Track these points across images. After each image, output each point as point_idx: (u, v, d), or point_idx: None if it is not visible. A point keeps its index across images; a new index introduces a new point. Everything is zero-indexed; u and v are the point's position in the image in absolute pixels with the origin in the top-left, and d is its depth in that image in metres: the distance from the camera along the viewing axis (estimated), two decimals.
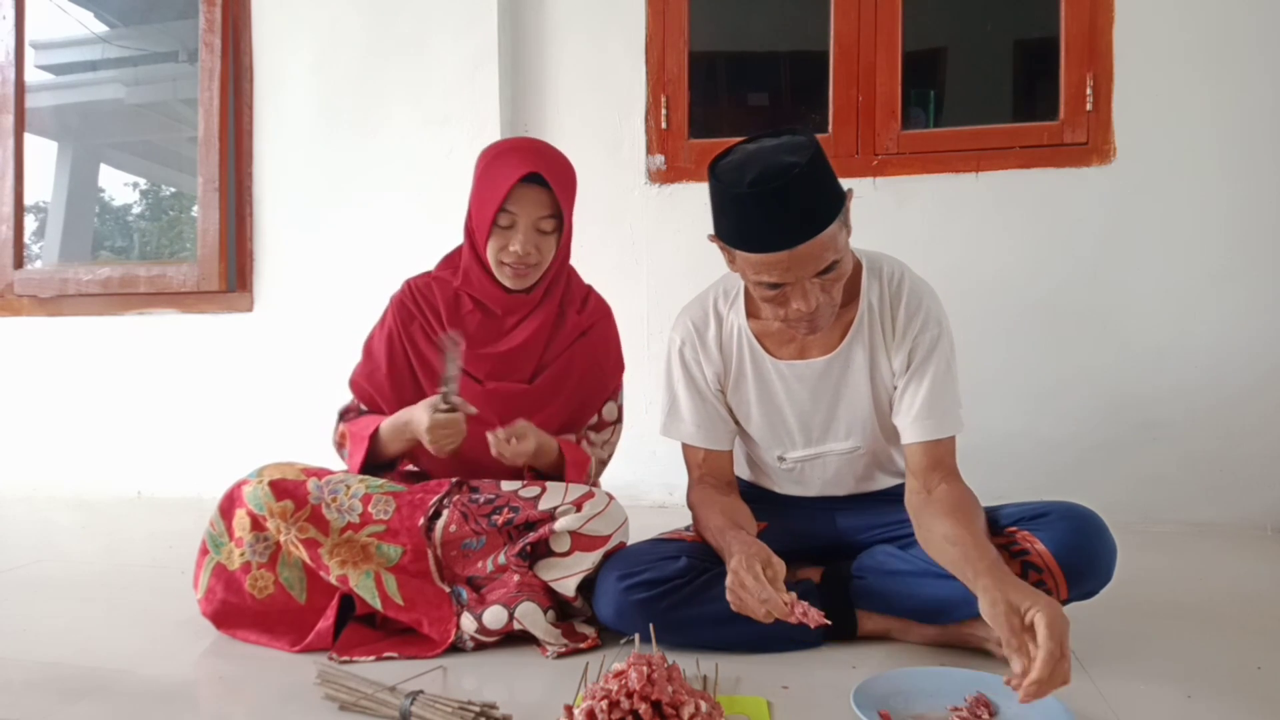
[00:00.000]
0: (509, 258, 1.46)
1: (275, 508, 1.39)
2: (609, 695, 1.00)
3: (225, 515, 1.44)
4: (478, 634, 1.36)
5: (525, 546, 1.41)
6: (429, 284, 1.59)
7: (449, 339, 1.44)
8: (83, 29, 3.86)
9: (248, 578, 1.42)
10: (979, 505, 1.30)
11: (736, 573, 1.18)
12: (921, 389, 1.34)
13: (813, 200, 1.16)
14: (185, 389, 2.84)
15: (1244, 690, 1.20)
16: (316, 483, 1.42)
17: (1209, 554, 2.01)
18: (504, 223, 1.45)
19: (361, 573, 1.38)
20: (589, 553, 1.40)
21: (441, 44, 2.58)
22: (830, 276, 1.22)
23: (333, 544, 1.40)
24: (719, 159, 1.24)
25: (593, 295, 1.66)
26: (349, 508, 1.41)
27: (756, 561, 1.18)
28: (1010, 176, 2.35)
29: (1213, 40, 2.24)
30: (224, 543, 1.44)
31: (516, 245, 1.45)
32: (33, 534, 2.42)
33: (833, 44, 2.45)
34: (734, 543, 1.25)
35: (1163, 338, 2.28)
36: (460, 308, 1.56)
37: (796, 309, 1.23)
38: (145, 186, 4.32)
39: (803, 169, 1.14)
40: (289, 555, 1.43)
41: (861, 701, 1.06)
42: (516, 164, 1.44)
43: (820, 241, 1.17)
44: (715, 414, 1.46)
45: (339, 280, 2.69)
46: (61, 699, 1.23)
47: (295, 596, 1.43)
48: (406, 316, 1.57)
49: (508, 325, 1.55)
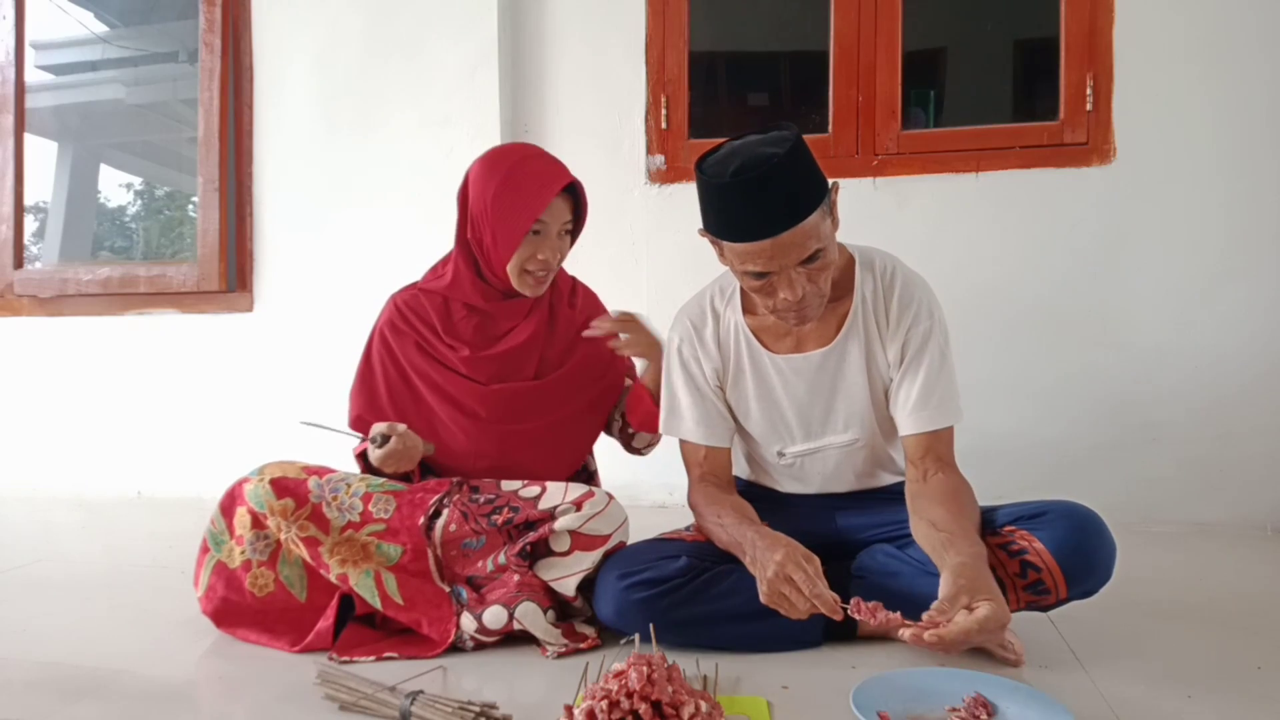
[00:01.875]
0: (536, 265, 1.46)
1: (276, 506, 1.39)
2: (609, 695, 1.00)
3: (226, 513, 1.44)
4: (477, 634, 1.36)
5: (525, 546, 1.41)
6: (416, 297, 1.57)
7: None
8: (83, 29, 3.86)
9: (248, 576, 1.42)
10: (973, 497, 1.31)
11: (784, 566, 1.18)
12: (917, 381, 1.35)
13: (793, 188, 1.18)
14: (185, 389, 2.84)
15: (1244, 690, 1.20)
16: (317, 481, 1.43)
17: (1209, 554, 2.01)
18: (536, 229, 1.45)
19: (361, 572, 1.39)
20: (589, 552, 1.40)
21: (441, 44, 2.58)
22: (815, 266, 1.23)
23: (333, 543, 1.40)
24: (705, 156, 1.26)
25: (578, 286, 1.67)
26: (349, 506, 1.41)
27: (801, 556, 1.19)
28: (1010, 177, 2.35)
29: (1213, 40, 2.24)
30: (225, 540, 1.44)
31: (546, 253, 1.46)
32: (33, 534, 2.42)
33: (833, 44, 2.45)
34: (761, 537, 1.25)
35: (1163, 338, 2.28)
36: (452, 315, 1.55)
37: (784, 298, 1.25)
38: (140, 186, 4.32)
39: (781, 158, 1.17)
40: (289, 554, 1.43)
41: (861, 702, 1.06)
42: (548, 176, 1.45)
43: (803, 230, 1.19)
44: (715, 411, 1.46)
45: (339, 280, 2.69)
46: (61, 699, 1.23)
47: (295, 595, 1.43)
48: (399, 335, 1.55)
49: (503, 328, 1.55)
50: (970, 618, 1.05)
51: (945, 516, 1.23)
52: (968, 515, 1.25)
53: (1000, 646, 1.28)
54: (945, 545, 1.19)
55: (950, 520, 1.23)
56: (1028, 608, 1.28)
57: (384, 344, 1.56)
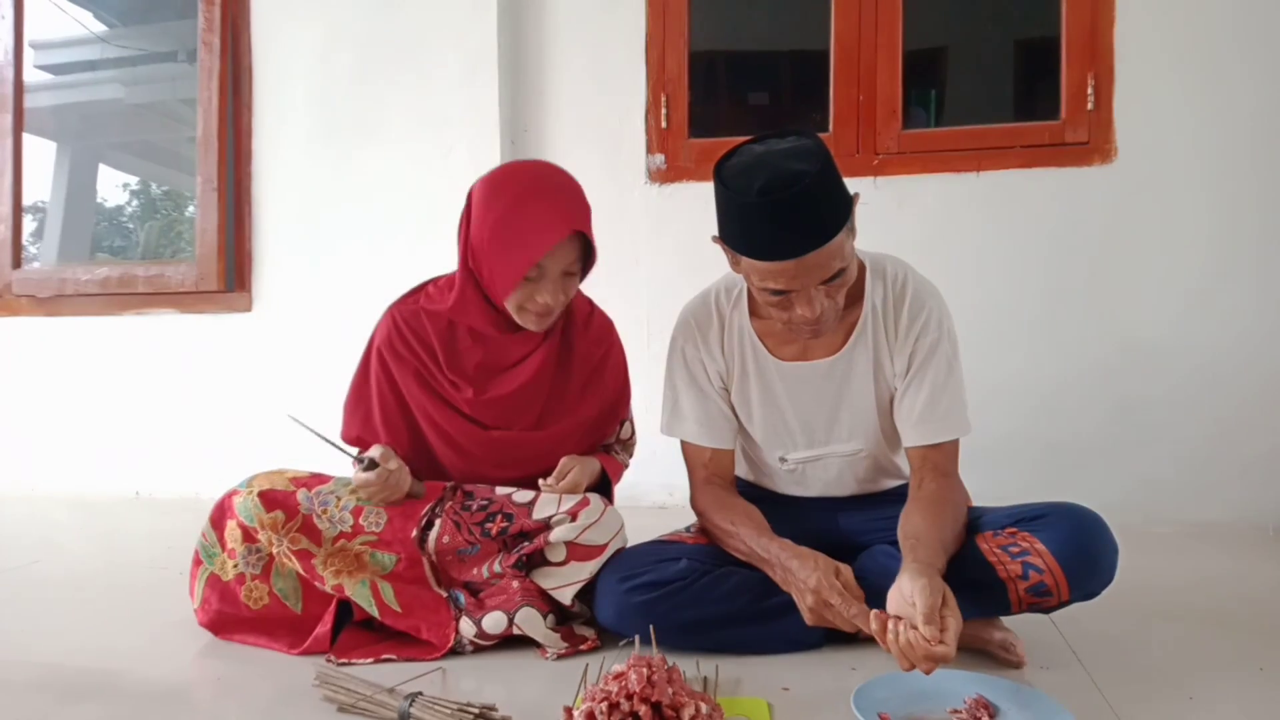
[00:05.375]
0: (535, 307, 1.38)
1: (265, 519, 1.36)
2: (609, 697, 1.00)
3: (216, 526, 1.41)
4: (477, 638, 1.35)
5: (520, 557, 1.39)
6: (418, 316, 1.47)
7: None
8: (82, 29, 3.86)
9: (242, 589, 1.40)
10: (960, 508, 1.30)
11: (819, 592, 1.19)
12: (922, 393, 1.33)
13: (821, 210, 1.15)
14: (184, 389, 2.84)
15: (1245, 691, 1.20)
16: (306, 494, 1.39)
17: (1210, 555, 2.01)
18: (533, 275, 1.36)
19: (357, 582, 1.37)
20: (585, 562, 1.38)
21: (441, 44, 2.57)
22: (836, 284, 1.22)
23: (326, 554, 1.37)
24: (725, 160, 1.22)
25: (596, 314, 1.57)
26: (339, 519, 1.38)
27: (834, 575, 1.19)
28: (1011, 176, 2.35)
29: (1214, 40, 2.24)
30: (216, 553, 1.42)
31: (546, 297, 1.37)
32: (31, 534, 2.42)
33: (833, 43, 2.45)
34: (787, 554, 1.26)
35: (1163, 337, 2.28)
36: (457, 343, 1.46)
37: (801, 314, 1.23)
38: (138, 186, 4.32)
39: (813, 179, 1.13)
40: (282, 566, 1.40)
41: (861, 703, 1.05)
42: (550, 219, 1.34)
43: (828, 251, 1.16)
44: (719, 412, 1.45)
45: (337, 280, 2.69)
46: (61, 699, 1.22)
47: (291, 607, 1.41)
48: (398, 360, 1.46)
49: (510, 359, 1.47)
50: (952, 644, 1.03)
51: (921, 525, 1.23)
52: (943, 524, 1.24)
53: (1002, 648, 1.27)
54: (908, 550, 1.18)
55: (925, 527, 1.22)
56: (1030, 609, 1.27)
57: (382, 365, 1.48)
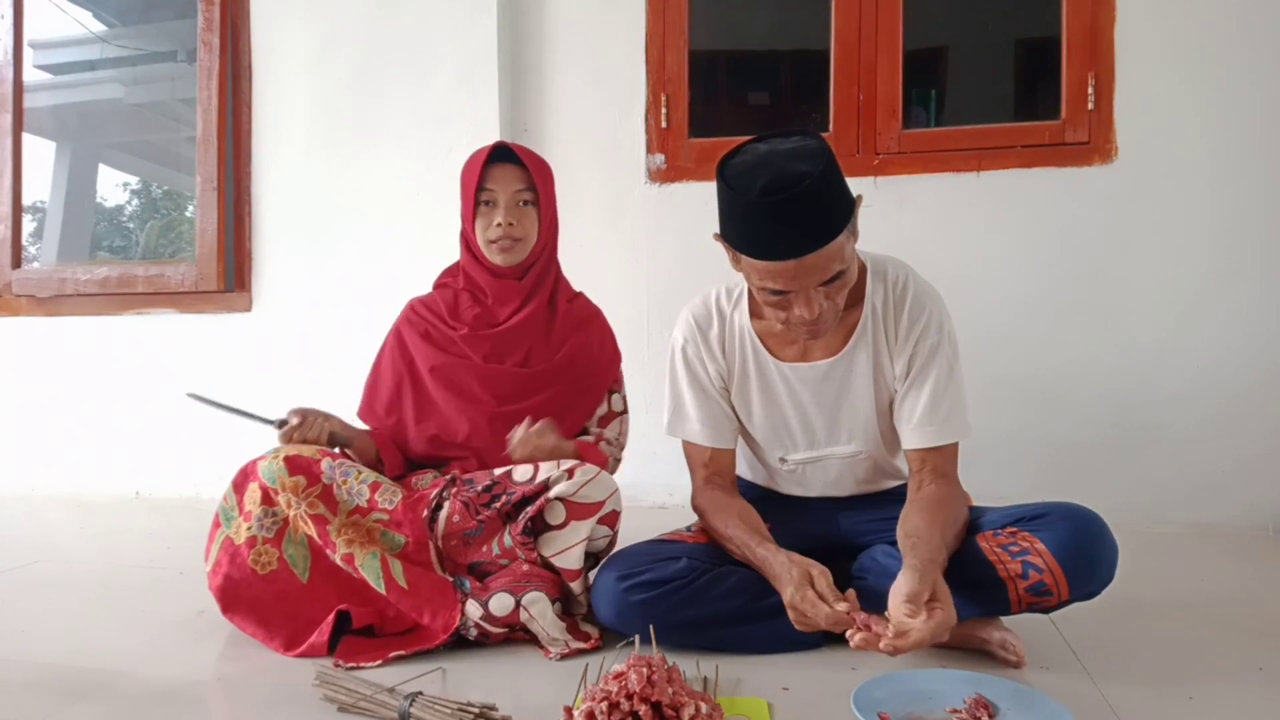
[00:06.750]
0: (495, 233, 1.55)
1: (288, 482, 1.42)
2: (609, 697, 1.00)
3: (238, 489, 1.47)
4: (483, 620, 1.36)
5: (527, 523, 1.41)
6: (431, 295, 1.70)
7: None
8: (81, 28, 3.86)
9: (251, 552, 1.42)
10: (959, 509, 1.30)
11: (794, 606, 1.20)
12: (922, 396, 1.33)
13: (823, 211, 1.16)
14: (183, 389, 2.83)
15: (1246, 691, 1.20)
16: (330, 463, 1.47)
17: (1209, 554, 2.01)
18: (485, 199, 1.56)
19: (368, 553, 1.41)
20: (584, 521, 1.40)
21: (440, 43, 2.57)
22: (835, 285, 1.22)
23: (340, 523, 1.43)
24: (728, 158, 1.22)
25: (581, 296, 1.73)
26: (357, 492, 1.45)
27: (807, 587, 1.19)
28: (1011, 176, 2.34)
29: (1215, 39, 2.23)
30: (234, 516, 1.45)
31: (499, 217, 1.55)
32: (31, 534, 2.42)
33: (833, 43, 2.45)
34: (769, 565, 1.27)
35: (1164, 337, 2.28)
36: (459, 305, 1.65)
37: (799, 315, 1.23)
38: (138, 186, 4.32)
39: (815, 179, 1.13)
40: (296, 531, 1.44)
41: (861, 703, 1.06)
42: (487, 150, 1.59)
43: (828, 252, 1.17)
44: (720, 411, 1.45)
45: (337, 280, 2.68)
46: (60, 699, 1.22)
47: (298, 575, 1.43)
48: (409, 326, 1.67)
49: (503, 314, 1.62)
50: (925, 626, 1.06)
51: (920, 524, 1.23)
52: (943, 524, 1.24)
53: (1001, 648, 1.27)
54: (909, 550, 1.19)
55: (924, 527, 1.22)
56: (1029, 609, 1.27)
57: (396, 337, 1.68)
